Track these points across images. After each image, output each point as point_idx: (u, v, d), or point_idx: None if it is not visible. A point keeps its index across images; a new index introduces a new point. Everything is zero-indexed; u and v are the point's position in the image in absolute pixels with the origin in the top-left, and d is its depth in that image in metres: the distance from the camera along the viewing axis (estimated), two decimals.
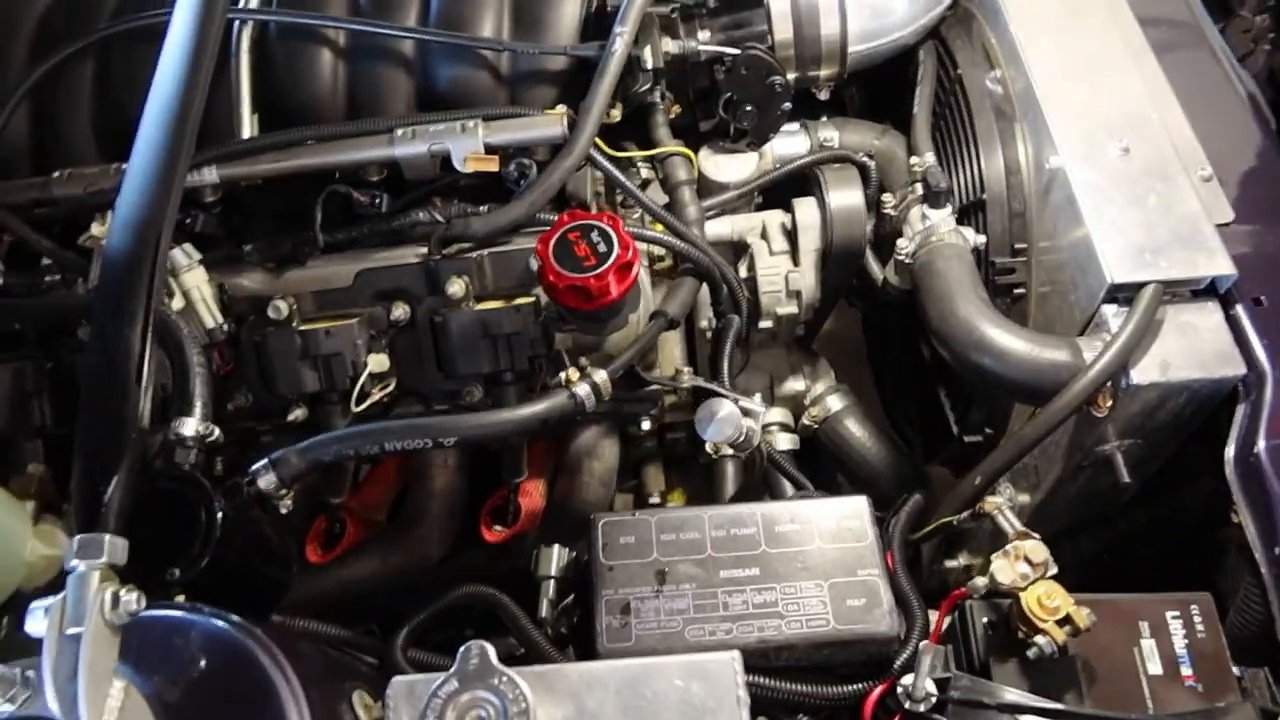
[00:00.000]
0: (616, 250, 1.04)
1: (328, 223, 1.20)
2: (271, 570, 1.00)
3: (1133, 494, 1.23)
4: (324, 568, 1.26)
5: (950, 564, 1.39)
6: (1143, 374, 1.05)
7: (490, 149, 1.17)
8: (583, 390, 1.04)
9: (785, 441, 1.46)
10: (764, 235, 1.35)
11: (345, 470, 1.22)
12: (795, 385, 1.49)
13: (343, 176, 1.21)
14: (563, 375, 1.05)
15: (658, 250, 1.27)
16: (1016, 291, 1.28)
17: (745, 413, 1.10)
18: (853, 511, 1.00)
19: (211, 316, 1.15)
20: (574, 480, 1.31)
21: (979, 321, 1.13)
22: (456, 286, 1.14)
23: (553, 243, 1.05)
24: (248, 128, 1.22)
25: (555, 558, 1.03)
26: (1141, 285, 1.06)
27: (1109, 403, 1.07)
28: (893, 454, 1.46)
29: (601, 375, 1.06)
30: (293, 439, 1.02)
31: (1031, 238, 1.26)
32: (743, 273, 1.36)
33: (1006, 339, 1.11)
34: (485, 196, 1.22)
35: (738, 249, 1.38)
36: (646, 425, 1.27)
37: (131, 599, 0.70)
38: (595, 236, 1.05)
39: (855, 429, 1.46)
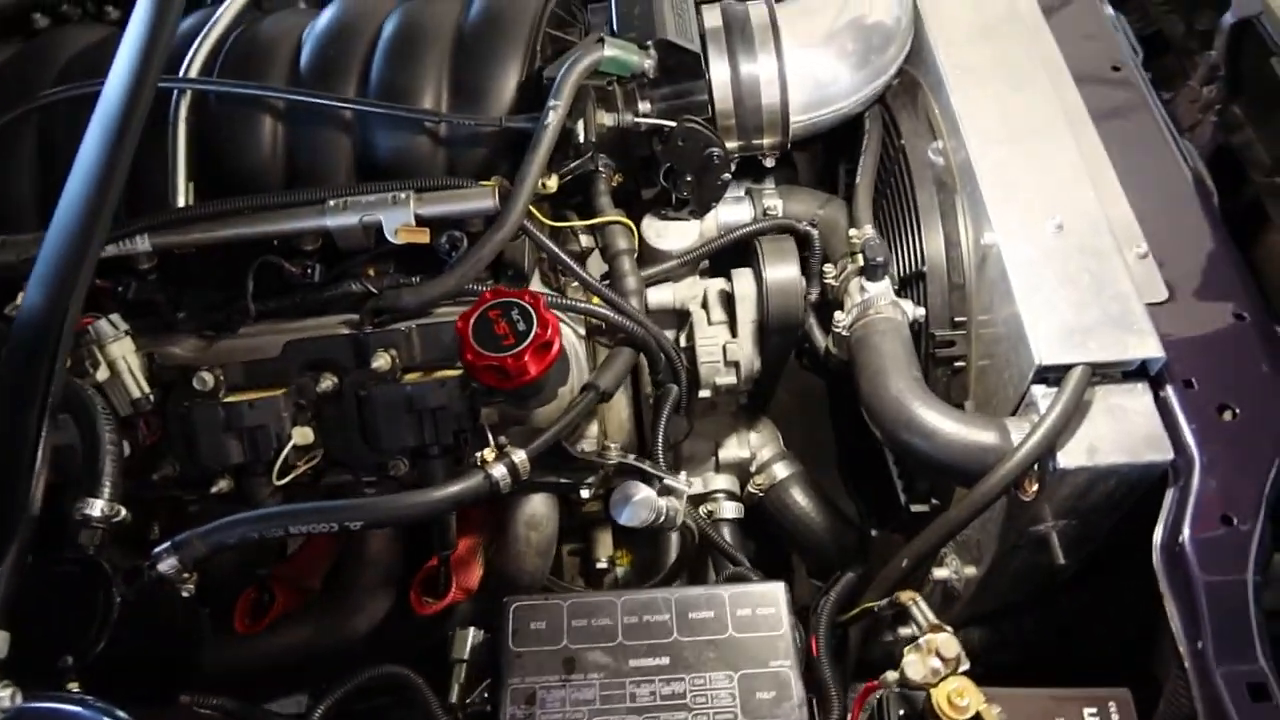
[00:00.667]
0: (535, 330, 1.03)
1: (261, 291, 1.20)
2: (178, 651, 0.98)
3: (1072, 572, 1.21)
4: (252, 638, 1.25)
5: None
6: (1070, 458, 1.03)
7: (422, 220, 1.17)
8: (498, 472, 1.03)
9: (730, 509, 1.47)
10: (704, 304, 1.36)
11: (273, 542, 1.19)
12: (740, 452, 1.49)
13: (279, 245, 1.21)
14: (478, 456, 1.04)
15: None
16: (957, 365, 1.27)
17: (668, 491, 1.10)
18: (768, 599, 1.00)
19: (137, 387, 1.14)
20: (511, 550, 1.30)
21: (908, 400, 1.12)
22: (382, 360, 1.14)
23: (473, 320, 1.05)
24: (182, 196, 1.22)
25: (470, 640, 1.03)
26: (1070, 367, 1.05)
27: (1034, 487, 1.06)
28: (836, 524, 1.46)
29: (520, 455, 1.05)
30: (220, 509, 1.02)
31: (971, 311, 1.25)
32: (683, 342, 1.36)
33: (934, 419, 1.10)
34: (420, 266, 1.22)
35: (681, 316, 1.38)
36: (586, 494, 1.25)
37: (5, 695, 0.69)
38: (515, 315, 1.04)
39: (799, 497, 1.45)
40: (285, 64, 1.27)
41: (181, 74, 1.25)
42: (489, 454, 1.04)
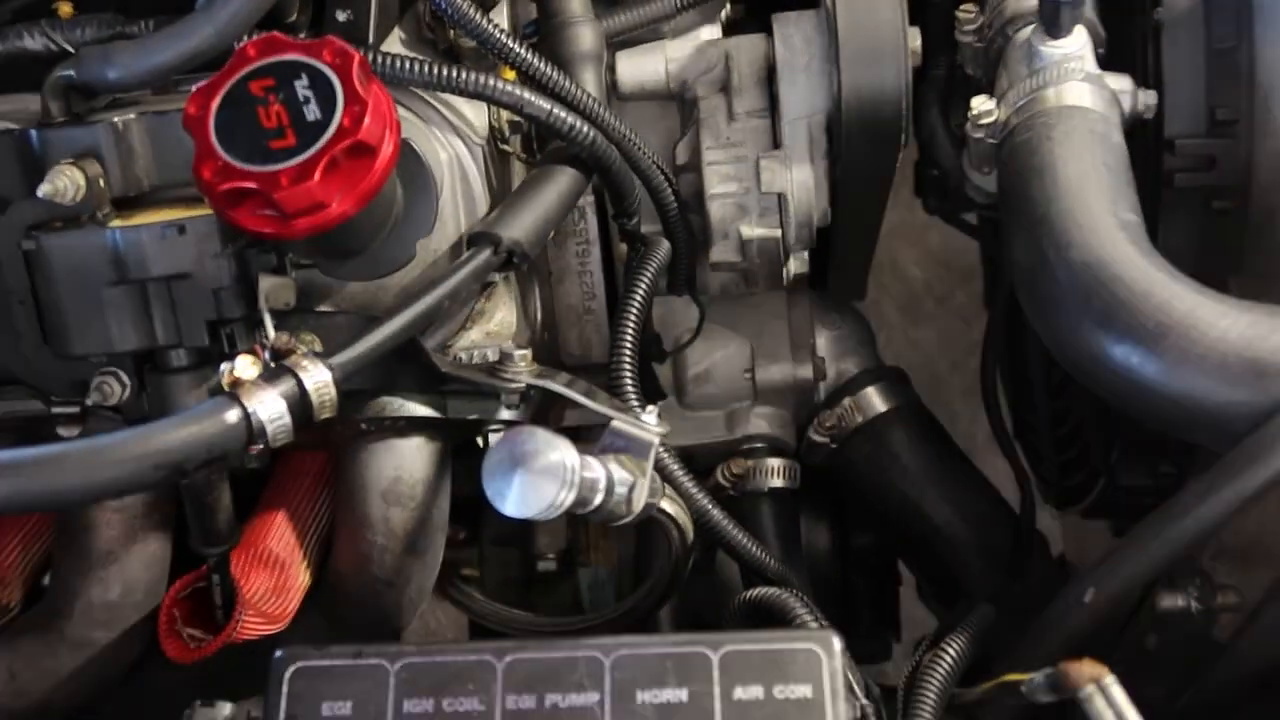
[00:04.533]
0: (339, 117, 0.90)
1: None
2: None
3: None
4: None
5: None
6: None
7: None
8: (268, 406, 0.89)
9: (777, 473, 1.44)
10: (725, 84, 1.28)
11: None
12: (798, 368, 1.45)
13: None
14: (225, 368, 0.91)
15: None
16: (1217, 206, 1.19)
17: (622, 444, 0.99)
18: (800, 667, 0.88)
19: None
20: (359, 542, 1.21)
21: (1115, 268, 0.98)
22: (65, 182, 1.00)
23: (218, 102, 0.92)
24: None
25: None
26: None
27: None
28: (976, 507, 1.42)
29: (318, 374, 0.92)
30: None
31: (1250, 99, 1.15)
32: (682, 156, 1.32)
33: (1161, 308, 0.95)
34: (165, 3, 1.12)
35: (684, 108, 1.34)
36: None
37: None
38: (303, 88, 0.91)
39: (907, 455, 1.42)
40: None
41: None
42: (246, 367, 0.91)
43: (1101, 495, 1.43)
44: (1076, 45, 1.12)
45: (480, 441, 1.31)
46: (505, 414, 1.16)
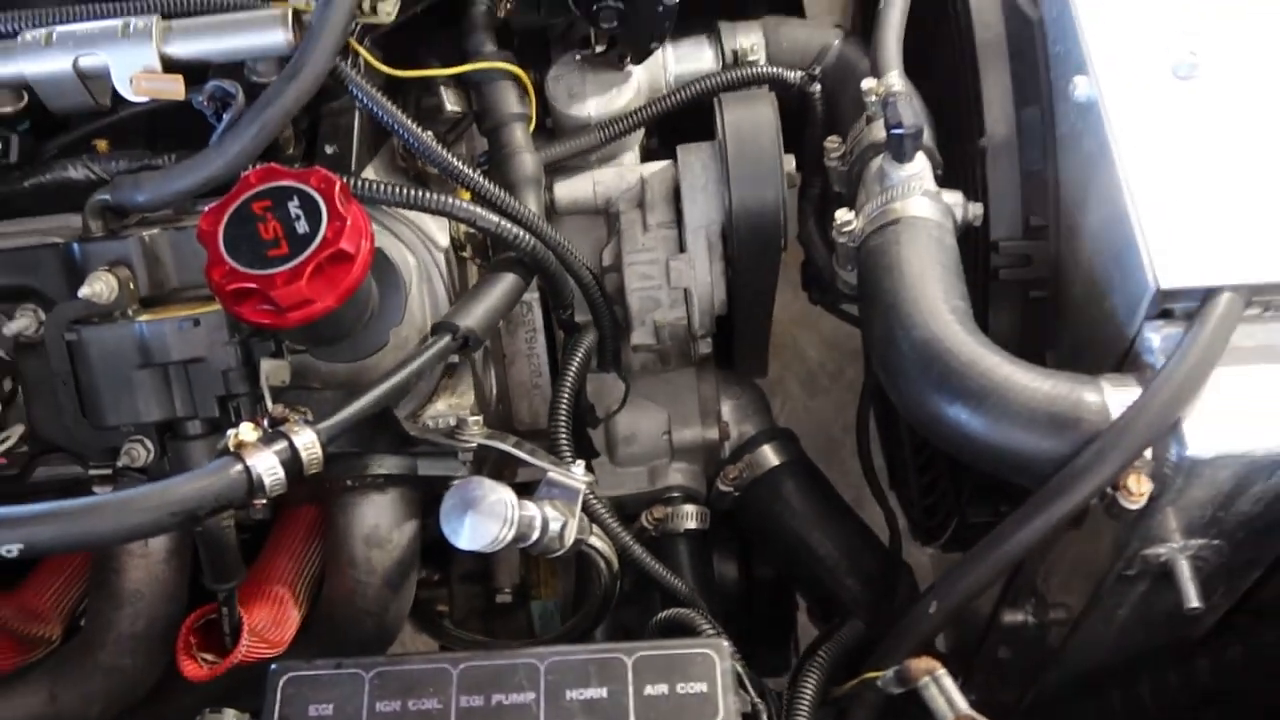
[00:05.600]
0: (323, 231, 0.91)
1: None
2: None
3: (1216, 620, 1.18)
4: None
5: None
6: (1206, 440, 0.93)
7: (173, 65, 1.07)
8: (263, 462, 0.89)
9: (690, 518, 1.42)
10: (640, 202, 1.29)
11: None
12: (705, 430, 1.44)
13: None
14: (231, 434, 0.91)
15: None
16: (1033, 295, 1.20)
17: (554, 491, 1.02)
18: (696, 668, 0.89)
19: None
20: (345, 578, 1.20)
21: (945, 344, 1.00)
22: (101, 285, 1.02)
23: (226, 219, 0.94)
24: None
25: None
26: (1208, 293, 0.94)
27: (1144, 486, 0.94)
28: (849, 539, 1.40)
29: (305, 436, 0.92)
30: None
31: (1055, 209, 1.17)
32: (607, 259, 1.32)
33: (986, 373, 0.98)
34: (180, 139, 1.14)
35: (607, 220, 1.34)
36: None
37: None
38: (294, 208, 0.93)
39: (794, 497, 1.41)
40: None
41: None
42: (248, 432, 0.91)
43: (956, 531, 1.41)
44: (918, 168, 1.14)
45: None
46: (463, 471, 1.15)
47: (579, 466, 1.04)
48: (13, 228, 1.12)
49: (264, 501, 1.03)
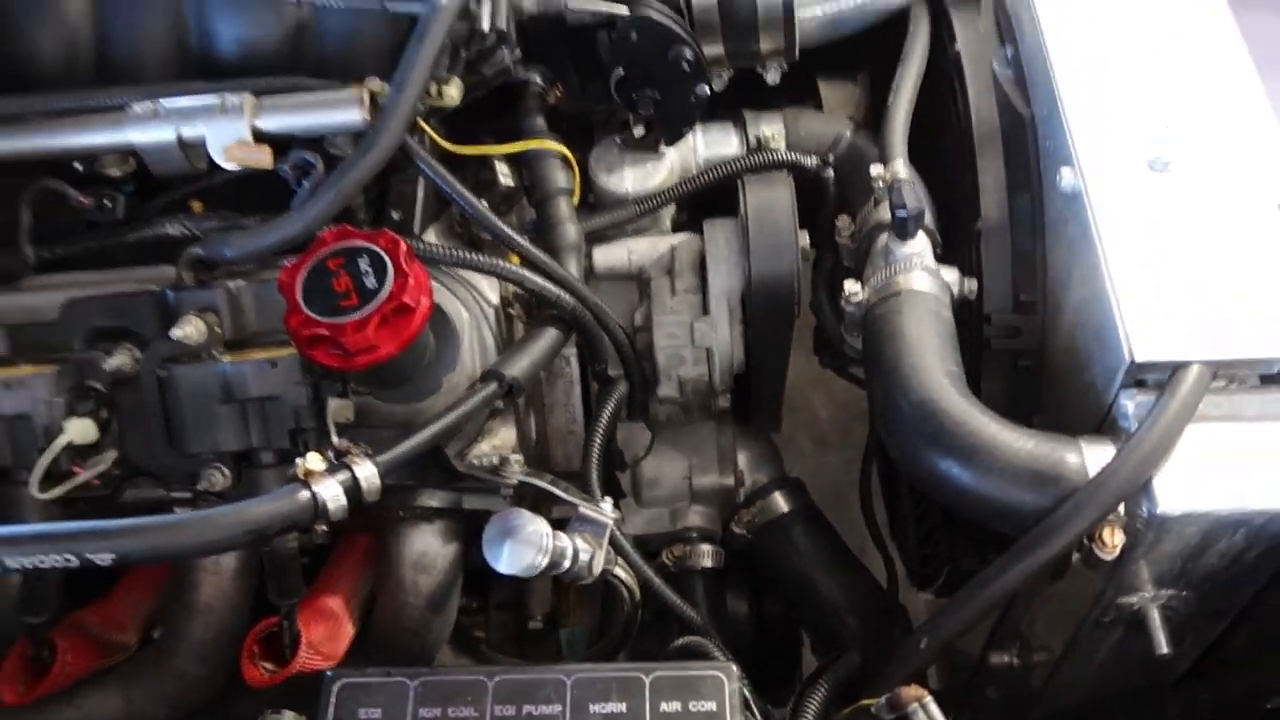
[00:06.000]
0: (389, 286, 0.94)
1: (48, 231, 1.15)
2: None
3: (1188, 665, 1.18)
4: (25, 711, 1.14)
5: None
6: (1172, 499, 0.93)
7: (263, 137, 1.10)
8: (328, 490, 0.91)
9: (707, 556, 1.41)
10: (669, 269, 1.30)
11: (49, 580, 1.11)
12: (722, 477, 1.44)
13: (82, 169, 1.16)
14: (300, 463, 0.93)
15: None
16: (1022, 364, 1.19)
17: (585, 525, 1.02)
18: (707, 687, 0.90)
19: None
20: (393, 600, 1.21)
21: (940, 403, 1.01)
22: (191, 328, 1.04)
23: (304, 273, 0.96)
24: None
25: None
26: (1177, 366, 0.95)
27: (1117, 539, 0.94)
28: (851, 581, 1.39)
29: (366, 468, 0.94)
30: None
31: (1043, 286, 1.17)
32: (638, 320, 1.33)
33: (974, 432, 0.99)
34: (265, 201, 1.15)
35: (640, 285, 1.34)
36: None
37: None
38: (364, 266, 0.95)
39: (801, 541, 1.39)
40: None
41: None
42: (315, 461, 0.93)
43: (949, 578, 1.40)
44: (919, 246, 1.15)
45: None
46: (504, 506, 1.14)
47: (607, 503, 1.04)
48: (115, 276, 1.14)
49: (325, 528, 1.05)
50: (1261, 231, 1.02)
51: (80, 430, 1.05)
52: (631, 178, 1.29)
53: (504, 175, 1.24)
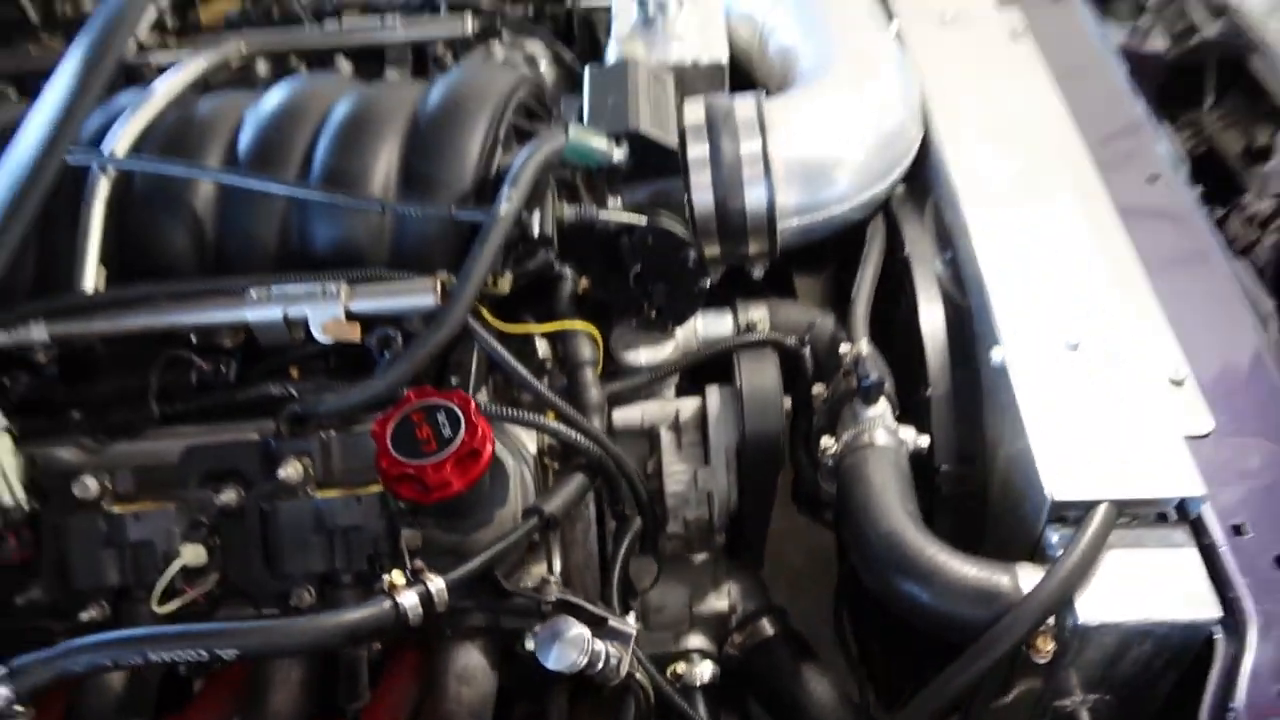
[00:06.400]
0: (462, 435, 1.02)
1: (170, 391, 1.22)
2: None
3: None
4: None
5: None
6: (1091, 612, 1.01)
7: (353, 316, 1.19)
8: (409, 600, 0.99)
9: (704, 672, 1.42)
10: (675, 426, 1.36)
11: (149, 685, 1.17)
12: (717, 603, 1.46)
13: (196, 340, 1.24)
14: (385, 579, 1.00)
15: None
16: (969, 504, 1.26)
17: (613, 634, 1.07)
18: None
19: (9, 492, 1.13)
20: (439, 708, 1.23)
21: (901, 537, 1.10)
22: (292, 470, 1.13)
23: (393, 424, 1.04)
24: (90, 281, 1.24)
25: None
26: (1091, 505, 1.04)
27: (1050, 646, 1.03)
28: (828, 699, 1.39)
29: (437, 583, 1.02)
30: None
31: (983, 442, 1.25)
32: (650, 468, 1.36)
33: (930, 560, 1.07)
34: (351, 368, 1.24)
35: (650, 440, 1.39)
36: (531, 645, 1.19)
37: None
38: (441, 419, 1.04)
39: (785, 663, 1.41)
40: (221, 145, 1.32)
41: (106, 151, 1.28)
42: (399, 577, 1.01)
43: (914, 690, 1.33)
44: (881, 409, 1.23)
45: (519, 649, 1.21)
46: (536, 626, 1.13)
47: (631, 617, 1.10)
48: (225, 428, 1.20)
49: (379, 645, 1.13)
50: (1154, 400, 1.12)
51: (193, 554, 1.12)
52: (645, 353, 1.36)
53: (541, 349, 1.30)
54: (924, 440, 1.24)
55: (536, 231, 1.23)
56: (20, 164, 0.94)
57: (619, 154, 1.29)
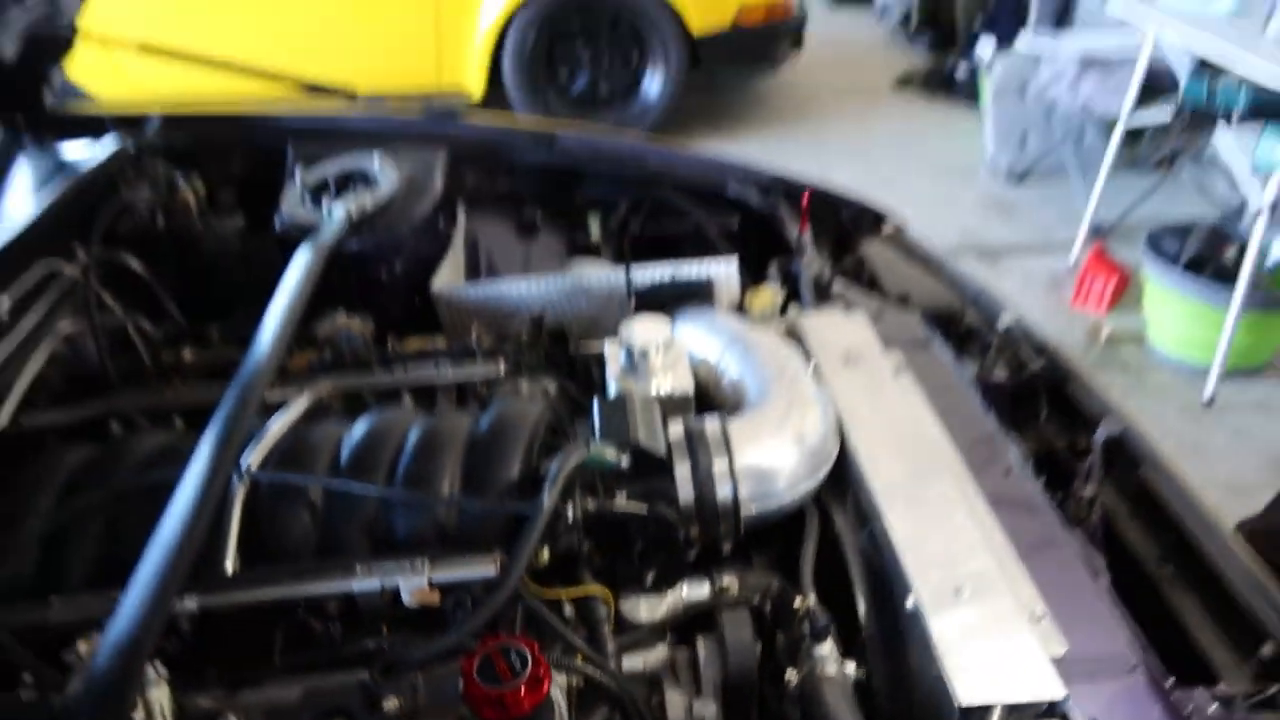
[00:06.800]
0: (531, 667, 1.26)
1: (286, 647, 1.45)
2: None
3: None
4: None
5: None
6: None
7: (433, 585, 1.42)
8: None
9: None
10: (673, 668, 1.58)
11: None
12: None
13: (306, 607, 1.48)
14: None
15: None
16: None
17: None
18: None
19: None
20: None
21: None
22: (390, 704, 1.33)
23: (479, 660, 1.27)
24: (231, 565, 1.50)
25: None
26: (986, 708, 1.28)
27: None
28: None
29: None
30: None
31: (905, 667, 1.46)
32: (654, 701, 1.53)
33: None
34: (426, 623, 1.47)
35: (650, 682, 1.58)
36: None
37: None
38: (513, 656, 1.27)
39: None
40: (326, 460, 1.64)
41: (243, 466, 1.59)
42: None
43: None
44: (829, 649, 1.43)
45: None
46: None
47: None
48: (332, 675, 1.35)
49: None
50: (1028, 628, 1.36)
51: None
52: (645, 611, 1.54)
53: (569, 608, 1.53)
54: (863, 672, 1.47)
55: (570, 520, 1.52)
56: (200, 477, 1.23)
57: (624, 461, 1.61)
